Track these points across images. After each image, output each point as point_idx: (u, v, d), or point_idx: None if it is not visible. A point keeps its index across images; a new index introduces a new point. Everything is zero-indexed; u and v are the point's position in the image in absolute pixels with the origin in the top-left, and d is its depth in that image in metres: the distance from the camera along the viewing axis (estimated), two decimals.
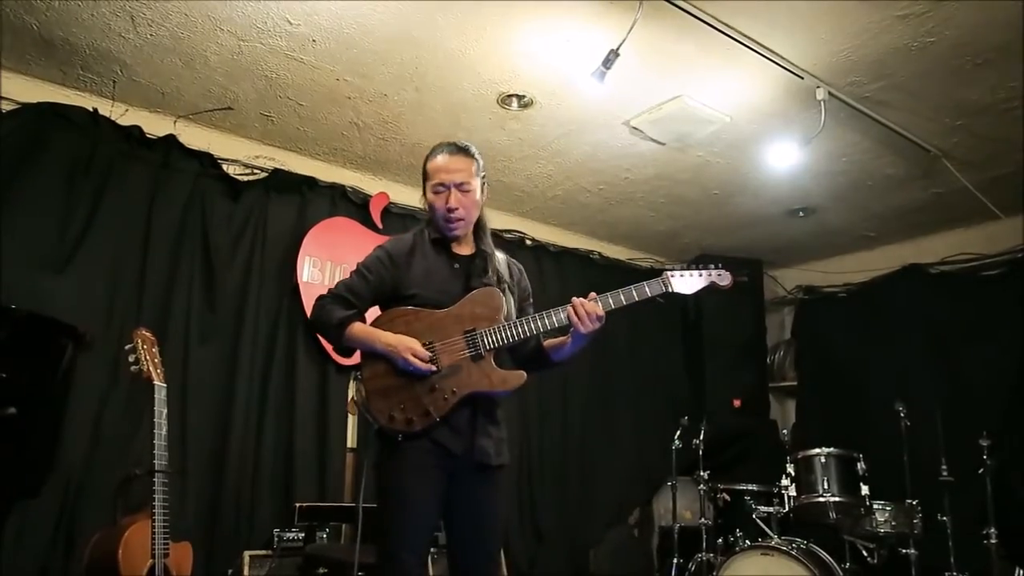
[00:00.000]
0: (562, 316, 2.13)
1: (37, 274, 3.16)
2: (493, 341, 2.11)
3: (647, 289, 2.17)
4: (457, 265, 2.23)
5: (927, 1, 2.76)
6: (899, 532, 3.67)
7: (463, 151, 2.24)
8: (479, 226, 2.30)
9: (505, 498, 2.27)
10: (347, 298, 2.17)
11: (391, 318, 2.16)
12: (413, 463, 2.07)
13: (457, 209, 2.18)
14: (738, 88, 3.40)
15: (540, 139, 3.94)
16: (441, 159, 2.22)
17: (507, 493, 2.29)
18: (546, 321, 2.13)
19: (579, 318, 2.10)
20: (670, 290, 2.20)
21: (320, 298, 2.20)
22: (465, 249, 2.28)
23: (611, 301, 2.14)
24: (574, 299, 2.13)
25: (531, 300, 2.38)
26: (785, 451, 3.94)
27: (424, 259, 2.21)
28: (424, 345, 2.10)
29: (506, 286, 2.23)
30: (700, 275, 2.22)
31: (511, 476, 4.40)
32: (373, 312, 2.23)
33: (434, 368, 2.08)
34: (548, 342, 2.30)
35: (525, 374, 2.15)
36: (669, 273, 2.21)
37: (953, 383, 4.59)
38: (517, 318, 2.18)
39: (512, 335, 2.12)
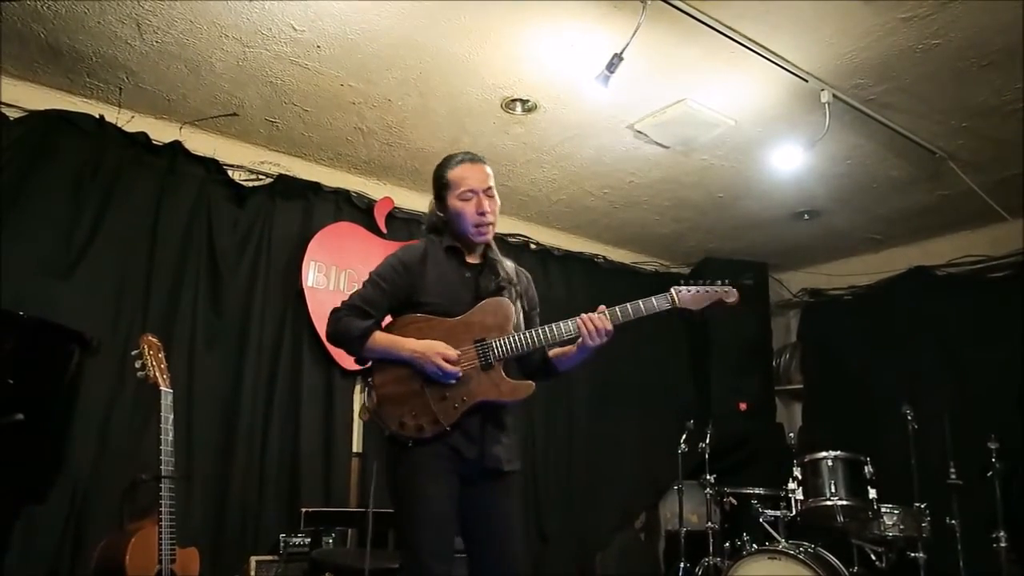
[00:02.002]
0: (571, 327, 2.15)
1: (44, 280, 3.17)
2: (503, 351, 2.13)
3: (655, 303, 2.19)
4: (468, 273, 2.26)
5: (932, 3, 2.75)
6: (907, 536, 3.65)
7: (482, 160, 2.29)
8: None
9: (519, 503, 2.28)
10: (363, 308, 2.16)
11: (403, 324, 2.18)
12: (426, 467, 2.08)
13: (488, 213, 2.22)
14: (742, 91, 3.40)
15: (544, 143, 3.94)
16: (465, 167, 2.25)
17: (521, 498, 2.29)
18: (555, 332, 2.15)
19: (587, 332, 2.13)
20: (677, 305, 2.21)
21: (335, 311, 2.19)
22: (475, 258, 2.30)
23: (619, 314, 2.16)
24: (583, 314, 2.15)
25: (538, 309, 2.39)
26: (792, 454, 3.92)
27: (436, 266, 2.23)
28: None
29: (516, 295, 2.26)
30: (707, 292, 2.23)
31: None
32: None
33: (460, 372, 2.10)
34: (554, 351, 2.31)
35: (534, 384, 2.18)
36: (676, 288, 2.22)
37: (960, 385, 4.57)
38: (526, 328, 2.20)
39: (521, 345, 2.14)
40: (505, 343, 2.13)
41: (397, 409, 2.10)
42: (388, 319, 2.23)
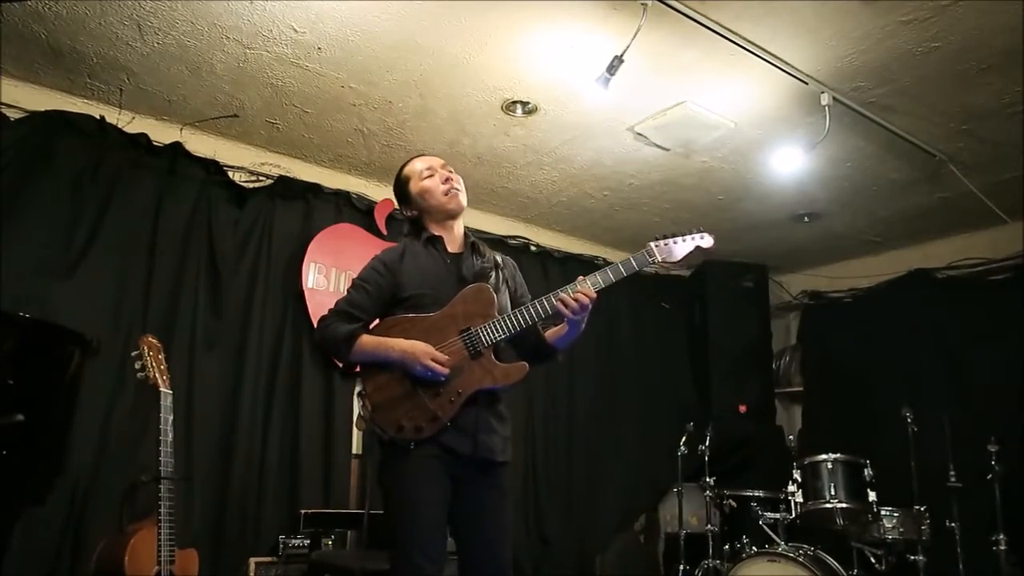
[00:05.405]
0: (554, 302, 2.12)
1: (44, 281, 3.17)
2: (490, 337, 2.13)
3: (633, 263, 2.18)
4: (450, 261, 2.27)
5: (931, 6, 2.76)
6: (907, 538, 3.64)
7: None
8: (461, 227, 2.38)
9: (511, 499, 2.27)
10: (350, 312, 2.18)
11: (387, 327, 2.19)
12: (419, 468, 2.08)
13: (452, 179, 2.29)
14: (742, 93, 3.40)
15: (544, 145, 3.94)
16: (416, 159, 2.39)
17: (512, 494, 2.29)
18: (538, 310, 2.14)
19: (564, 304, 2.11)
20: (656, 260, 2.21)
21: (322, 319, 2.22)
22: (456, 247, 2.32)
23: (600, 279, 2.16)
24: (560, 291, 2.14)
25: (528, 297, 2.37)
26: (791, 457, 3.92)
27: (415, 259, 2.25)
28: None
29: (503, 278, 2.27)
30: (684, 240, 2.23)
31: (516, 479, 4.39)
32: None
33: (448, 370, 2.09)
34: (549, 332, 2.30)
35: (527, 365, 2.17)
36: (653, 243, 2.23)
37: (960, 388, 4.57)
38: (513, 310, 2.19)
39: (507, 328, 2.13)
40: (490, 328, 2.13)
41: (392, 413, 2.09)
42: (376, 322, 2.23)
